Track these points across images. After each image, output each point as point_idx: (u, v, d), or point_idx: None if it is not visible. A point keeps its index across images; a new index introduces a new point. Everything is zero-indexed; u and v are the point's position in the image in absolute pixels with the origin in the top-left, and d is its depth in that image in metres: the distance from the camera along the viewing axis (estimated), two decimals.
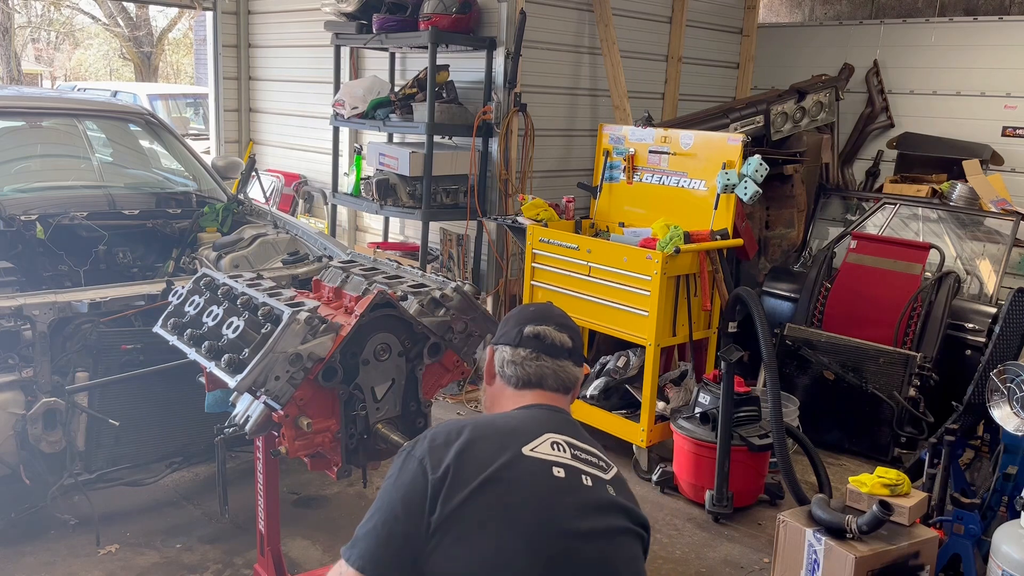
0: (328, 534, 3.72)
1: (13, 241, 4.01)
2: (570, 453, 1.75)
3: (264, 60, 7.38)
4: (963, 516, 3.27)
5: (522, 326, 1.91)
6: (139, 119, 5.05)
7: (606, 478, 1.77)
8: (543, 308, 2.01)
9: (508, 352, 1.91)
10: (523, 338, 1.90)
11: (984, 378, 3.46)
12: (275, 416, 2.45)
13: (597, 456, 1.81)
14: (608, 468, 1.80)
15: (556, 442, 1.75)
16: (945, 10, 6.95)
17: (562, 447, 1.75)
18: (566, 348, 1.91)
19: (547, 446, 1.73)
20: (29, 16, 23.41)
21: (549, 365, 1.89)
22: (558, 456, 1.73)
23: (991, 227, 5.58)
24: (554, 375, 1.89)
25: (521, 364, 1.89)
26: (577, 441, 1.80)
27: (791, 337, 4.89)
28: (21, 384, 3.20)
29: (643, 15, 6.14)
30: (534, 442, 1.72)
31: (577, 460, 1.75)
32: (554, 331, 1.91)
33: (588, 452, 1.79)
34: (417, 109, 5.37)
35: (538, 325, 1.91)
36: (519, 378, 1.90)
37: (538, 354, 1.89)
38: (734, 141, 4.51)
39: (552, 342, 1.90)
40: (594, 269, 4.48)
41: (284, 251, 4.25)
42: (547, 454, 1.72)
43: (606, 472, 1.78)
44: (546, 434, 1.75)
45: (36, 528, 3.57)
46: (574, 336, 1.95)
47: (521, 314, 1.97)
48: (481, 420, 1.77)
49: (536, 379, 1.89)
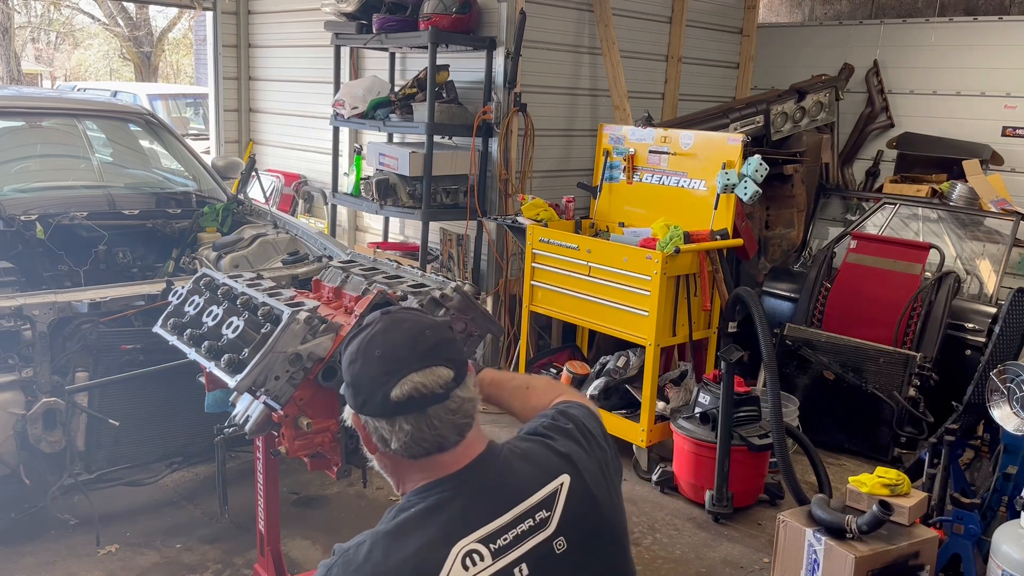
0: (328, 534, 3.72)
1: (13, 241, 4.01)
2: (490, 553, 1.45)
3: (264, 60, 7.38)
4: (963, 516, 3.27)
5: (383, 388, 1.47)
6: (139, 119, 5.06)
7: (549, 533, 1.50)
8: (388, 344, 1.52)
9: (384, 426, 1.49)
10: (394, 406, 1.47)
11: (984, 378, 3.46)
12: (275, 416, 2.45)
13: (531, 510, 1.51)
14: (549, 517, 1.51)
15: (469, 552, 1.44)
16: (945, 10, 6.95)
17: (477, 556, 1.45)
18: (448, 382, 1.49)
19: (458, 570, 1.43)
20: (29, 16, 23.43)
21: (441, 419, 1.48)
22: (477, 573, 1.44)
23: (991, 227, 5.58)
24: (452, 425, 1.50)
25: (410, 441, 1.48)
26: (495, 522, 1.48)
27: (791, 337, 4.89)
28: (21, 384, 3.20)
29: (643, 15, 6.13)
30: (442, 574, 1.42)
31: (502, 553, 1.46)
32: (424, 378, 1.47)
33: (515, 522, 1.49)
34: (417, 109, 5.37)
35: (402, 380, 1.47)
36: (413, 452, 1.50)
37: (423, 415, 1.47)
38: (734, 141, 4.51)
39: (430, 391, 1.47)
40: (594, 269, 4.48)
41: (284, 251, 4.25)
42: None
43: (547, 525, 1.51)
44: (455, 547, 1.44)
45: (36, 528, 3.57)
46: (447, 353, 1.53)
47: (367, 366, 1.51)
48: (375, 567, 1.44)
49: (435, 446, 1.50)
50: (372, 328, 1.56)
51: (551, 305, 4.76)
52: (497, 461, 1.56)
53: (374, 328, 1.56)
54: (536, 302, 4.83)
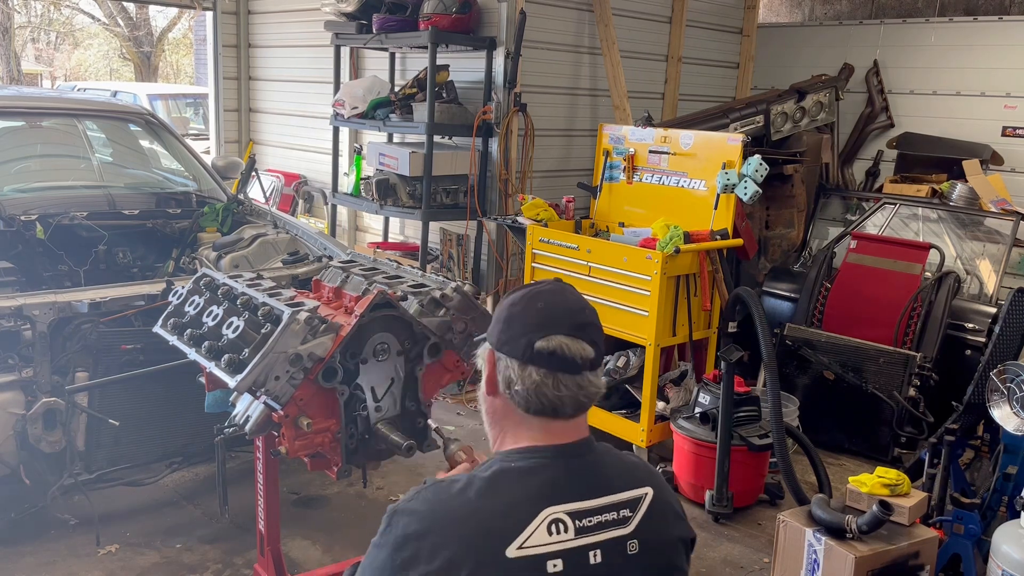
0: (328, 534, 3.72)
1: (13, 241, 4.01)
2: (574, 528, 1.48)
3: (264, 60, 7.39)
4: (963, 516, 3.27)
5: (531, 336, 1.52)
6: (139, 119, 5.05)
7: (626, 532, 1.52)
8: (554, 299, 1.59)
9: (515, 368, 1.54)
10: (534, 354, 1.52)
11: (984, 378, 3.46)
12: (275, 416, 2.45)
13: (615, 507, 1.53)
14: (630, 517, 1.54)
15: (556, 519, 1.47)
16: (945, 10, 6.95)
17: (563, 525, 1.47)
18: (588, 360, 1.53)
19: (542, 532, 1.45)
20: (29, 16, 23.42)
21: (567, 387, 1.53)
22: (556, 542, 1.46)
23: (991, 227, 5.58)
24: (572, 399, 1.54)
25: (533, 391, 1.52)
26: (586, 503, 1.51)
27: (791, 337, 4.89)
28: (21, 384, 3.20)
29: (643, 15, 6.14)
30: (525, 532, 1.44)
31: (584, 533, 1.48)
32: (571, 343, 1.52)
33: (601, 511, 1.52)
34: (417, 109, 5.38)
35: (551, 336, 1.52)
36: (529, 404, 1.54)
37: (554, 375, 1.52)
38: (734, 141, 4.51)
39: (571, 357, 1.52)
40: (594, 269, 4.48)
41: (284, 251, 4.25)
42: (542, 544, 1.45)
43: (627, 524, 1.53)
44: (545, 510, 1.47)
45: (36, 528, 3.57)
46: (595, 337, 1.57)
47: (526, 312, 1.57)
48: (462, 506, 1.47)
49: (551, 408, 1.53)
50: (541, 285, 1.63)
51: None
52: (595, 450, 1.60)
53: (544, 286, 1.63)
54: None
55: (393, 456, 2.57)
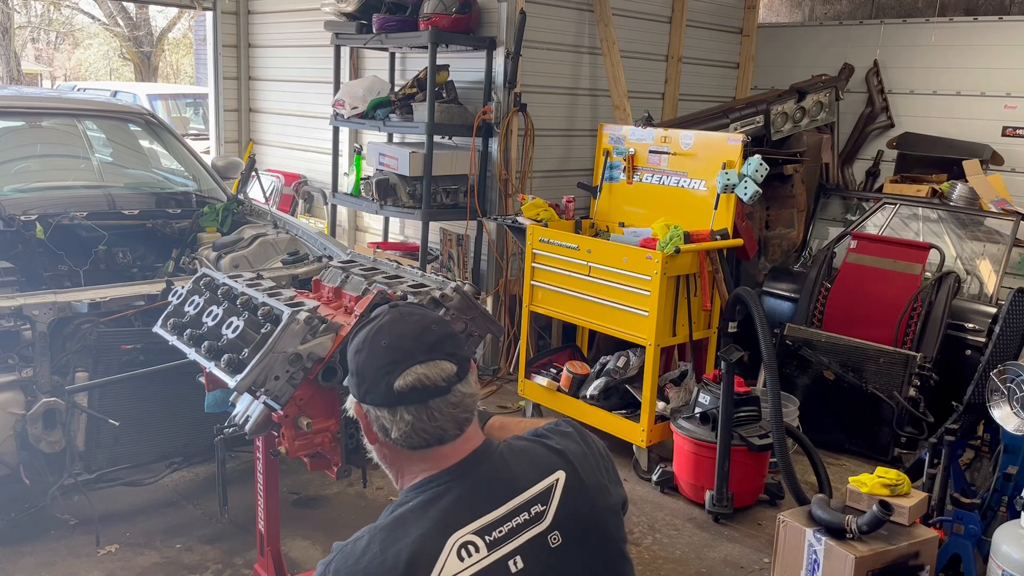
0: (328, 534, 3.72)
1: (13, 241, 4.01)
2: (485, 545, 1.46)
3: (264, 60, 7.39)
4: (963, 516, 3.27)
5: (387, 379, 1.49)
6: (139, 119, 5.06)
7: (544, 527, 1.51)
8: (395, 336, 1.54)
9: (386, 415, 1.51)
10: (396, 396, 1.49)
11: (984, 378, 3.46)
12: (275, 416, 2.45)
13: (526, 504, 1.52)
14: (544, 511, 1.53)
15: (464, 543, 1.45)
16: (945, 10, 6.95)
17: (472, 547, 1.46)
18: (451, 376, 1.51)
19: (454, 562, 1.44)
20: (29, 16, 23.42)
21: (442, 412, 1.50)
22: (470, 565, 1.45)
23: (991, 227, 5.58)
24: (452, 419, 1.51)
25: (410, 430, 1.50)
26: (490, 515, 1.49)
27: (791, 337, 4.89)
28: (21, 384, 3.20)
29: (643, 15, 6.14)
30: (436, 568, 1.43)
31: (497, 546, 1.47)
32: (428, 370, 1.49)
33: (510, 516, 1.50)
34: (417, 109, 5.38)
35: (406, 371, 1.48)
36: (413, 444, 1.52)
37: (425, 406, 1.49)
38: (734, 141, 4.51)
39: (432, 384, 1.49)
40: (594, 269, 4.48)
41: (284, 251, 4.25)
42: (457, 574, 1.44)
43: (542, 519, 1.52)
44: (450, 538, 1.45)
45: (36, 528, 3.57)
46: (451, 348, 1.54)
47: (372, 355, 1.53)
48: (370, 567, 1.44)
49: (435, 438, 1.51)
50: (379, 320, 1.58)
51: (551, 305, 4.76)
52: (493, 456, 1.57)
53: (381, 320, 1.58)
54: (536, 302, 4.83)
55: None
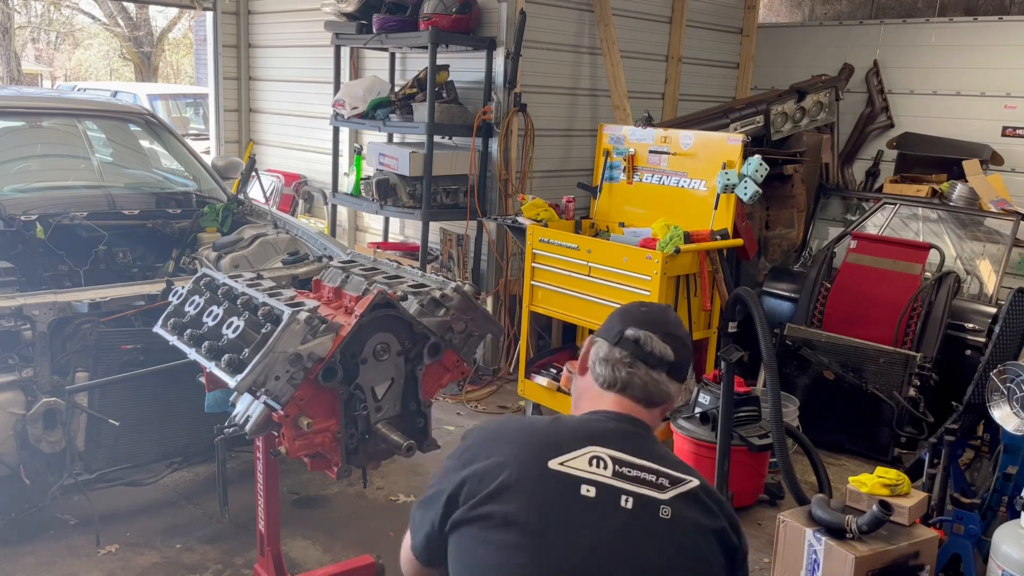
0: (328, 534, 3.72)
1: (13, 241, 4.01)
2: (612, 470, 1.61)
3: (264, 60, 7.38)
4: (963, 516, 3.27)
5: (625, 326, 1.78)
6: (139, 119, 5.05)
7: (662, 498, 1.61)
8: (656, 311, 1.86)
9: (604, 349, 1.79)
10: (622, 339, 1.77)
11: (984, 378, 3.46)
12: (275, 416, 2.45)
13: (656, 473, 1.64)
14: (669, 487, 1.64)
15: (597, 457, 1.62)
16: (945, 10, 6.95)
17: (603, 463, 1.62)
18: (666, 360, 1.76)
19: (583, 461, 1.61)
20: (29, 16, 23.42)
21: (641, 374, 1.75)
22: (593, 473, 1.60)
23: (991, 227, 5.58)
24: (643, 386, 1.75)
25: (613, 365, 1.76)
26: (629, 456, 1.64)
27: (791, 337, 4.88)
28: (21, 384, 3.20)
29: (643, 15, 6.14)
30: (567, 455, 1.61)
31: (620, 478, 1.61)
32: (658, 340, 1.76)
33: (642, 469, 1.64)
34: (417, 109, 5.37)
35: (642, 329, 1.77)
36: (605, 379, 1.77)
37: (633, 360, 1.75)
38: (734, 141, 4.51)
39: (652, 351, 1.75)
40: (594, 269, 4.47)
41: (284, 251, 4.25)
42: (579, 470, 1.60)
43: (663, 491, 1.63)
44: (589, 447, 1.63)
45: (36, 528, 3.57)
46: (680, 350, 1.79)
47: (630, 312, 1.85)
48: (521, 425, 1.73)
49: (622, 384, 1.76)
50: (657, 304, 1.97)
51: (551, 305, 4.76)
52: (654, 437, 1.77)
53: (658, 305, 1.96)
54: (536, 302, 4.83)
55: (393, 456, 2.57)
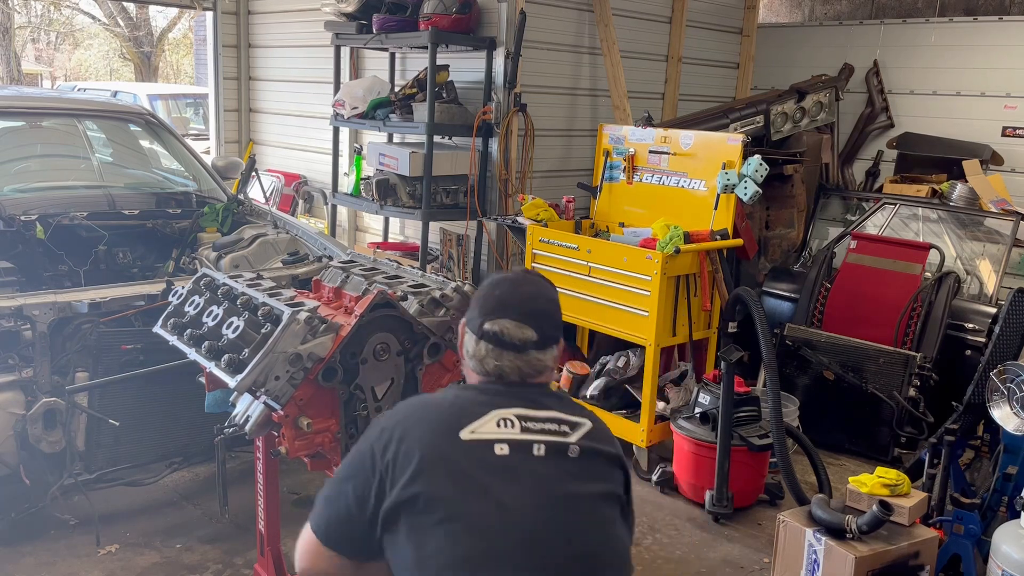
0: None
1: (13, 241, 4.01)
2: (519, 427, 1.75)
3: (264, 60, 7.38)
4: (963, 516, 3.27)
5: (484, 317, 1.85)
6: (139, 119, 5.05)
7: (569, 441, 1.77)
8: (508, 288, 1.91)
9: (471, 344, 1.87)
10: (483, 333, 1.84)
11: (984, 378, 3.46)
12: (275, 416, 2.45)
13: (558, 421, 1.79)
14: (572, 431, 1.79)
15: (504, 419, 1.75)
16: (945, 10, 6.95)
17: (510, 422, 1.75)
18: (530, 342, 1.83)
19: (491, 425, 1.74)
20: (29, 16, 23.41)
21: (509, 362, 1.83)
22: (503, 432, 1.73)
23: (991, 227, 5.58)
24: (516, 370, 1.83)
25: (482, 360, 1.84)
26: (532, 411, 1.78)
27: (791, 337, 4.89)
28: (21, 384, 3.20)
29: (643, 15, 6.13)
30: (476, 423, 1.73)
31: (528, 432, 1.74)
32: (513, 328, 1.82)
33: (545, 420, 1.78)
34: (417, 109, 5.37)
35: (497, 319, 1.82)
36: (480, 371, 1.87)
37: (499, 352, 1.83)
38: (734, 141, 4.51)
39: (512, 340, 1.82)
40: (594, 269, 4.48)
41: (284, 251, 4.25)
42: (490, 433, 1.72)
43: (569, 435, 1.78)
44: (493, 411, 1.75)
45: (36, 528, 3.57)
46: (541, 325, 1.85)
47: (486, 298, 1.89)
48: (427, 404, 1.83)
49: (496, 374, 1.84)
50: (507, 275, 1.98)
51: None
52: (548, 388, 1.90)
53: (508, 276, 1.98)
54: None
55: None
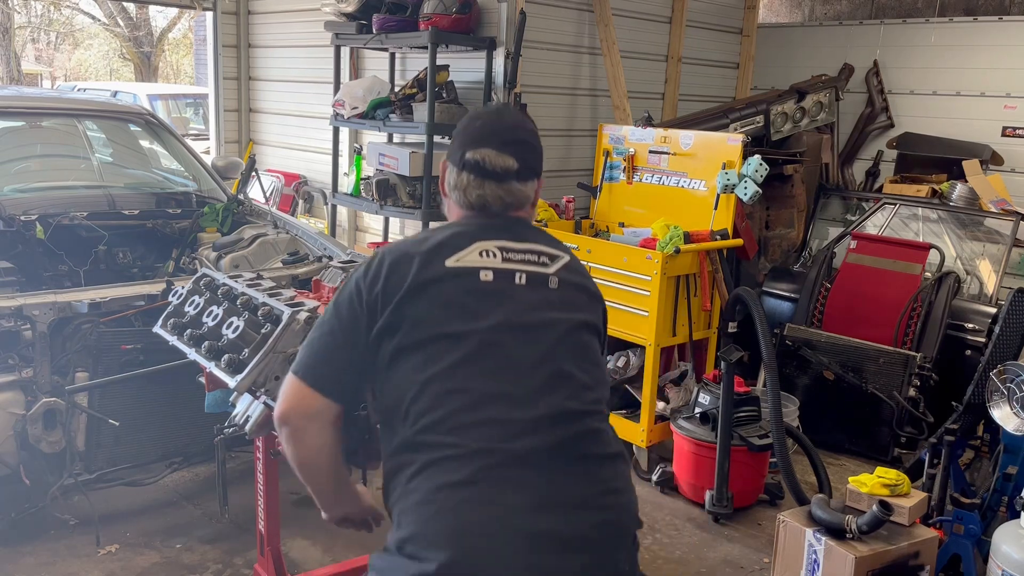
0: (328, 534, 3.71)
1: (13, 241, 4.01)
2: (501, 257, 1.80)
3: (264, 60, 7.38)
4: (963, 516, 3.27)
5: (465, 148, 1.86)
6: (139, 119, 5.05)
7: (548, 271, 1.83)
8: (492, 117, 1.94)
9: (453, 176, 1.88)
10: (464, 162, 1.85)
11: (984, 378, 3.46)
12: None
13: (538, 253, 1.85)
14: (552, 262, 1.85)
15: (486, 250, 1.80)
16: (945, 10, 6.95)
17: (492, 253, 1.80)
18: (511, 171, 1.85)
19: (474, 255, 1.79)
20: (29, 16, 23.42)
21: (491, 191, 1.86)
22: (486, 262, 1.79)
23: (991, 227, 5.58)
24: (498, 200, 1.86)
25: (463, 191, 1.86)
26: (513, 243, 1.83)
27: (791, 337, 4.89)
28: (21, 384, 3.20)
29: (643, 15, 6.13)
30: (459, 253, 1.78)
31: (509, 262, 1.80)
32: (495, 156, 1.84)
33: (526, 251, 1.83)
34: (417, 109, 5.37)
35: (480, 148, 1.84)
36: (463, 201, 1.89)
37: (480, 181, 1.85)
38: (734, 141, 4.51)
39: (494, 168, 1.84)
40: (594, 269, 4.47)
41: (284, 251, 4.25)
42: (473, 262, 1.78)
43: (548, 266, 1.84)
44: (475, 243, 1.80)
45: (36, 528, 3.57)
46: (523, 154, 1.88)
47: (469, 128, 1.90)
48: (411, 239, 1.86)
49: (479, 205, 1.87)
50: (492, 108, 2.03)
51: None
52: (528, 223, 1.94)
53: (488, 108, 1.99)
54: None
55: None
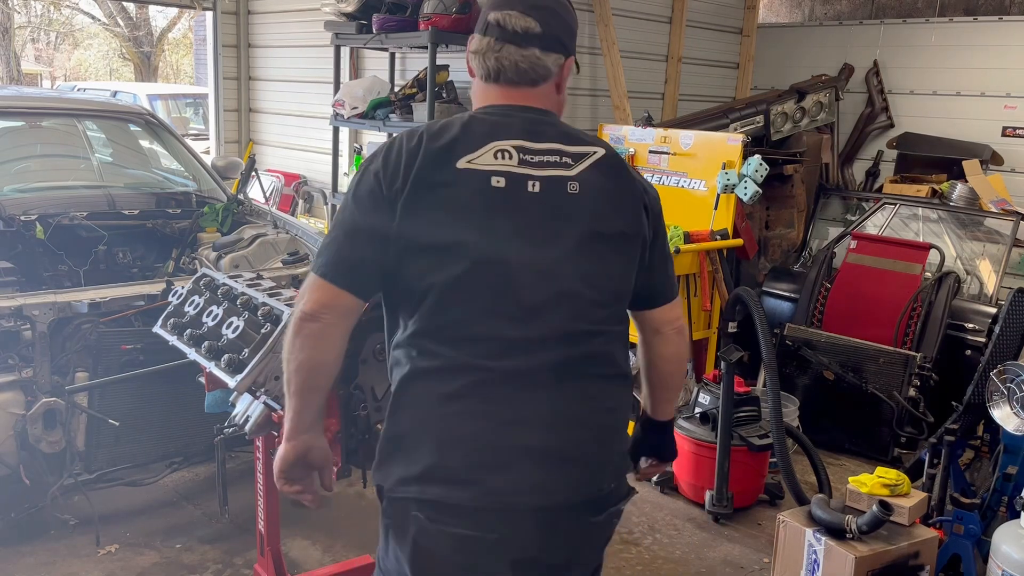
0: (328, 534, 3.72)
1: (13, 241, 4.01)
2: (517, 159, 1.68)
3: (264, 60, 7.39)
4: (963, 516, 3.27)
5: (489, 11, 1.74)
6: (139, 119, 5.05)
7: (569, 175, 1.69)
8: None
9: (475, 41, 1.77)
10: (487, 25, 1.73)
11: (984, 378, 3.46)
12: (275, 416, 2.45)
13: (559, 153, 1.71)
14: (576, 162, 1.71)
15: (502, 150, 1.68)
16: (945, 10, 6.95)
17: (508, 154, 1.68)
18: (533, 34, 1.71)
19: (488, 156, 1.67)
20: (29, 16, 23.42)
21: (510, 55, 1.72)
22: (500, 164, 1.67)
23: (991, 227, 5.58)
24: (514, 66, 1.73)
25: (483, 56, 1.75)
26: (532, 143, 1.70)
27: (791, 337, 4.88)
28: (21, 384, 3.20)
29: (643, 15, 6.14)
30: (472, 154, 1.66)
31: (526, 165, 1.68)
32: (517, 16, 1.71)
33: (545, 152, 1.70)
34: (417, 109, 5.38)
35: (503, 9, 1.72)
36: (482, 71, 1.77)
37: (501, 44, 1.72)
38: (734, 141, 4.51)
39: (514, 29, 1.71)
40: None
41: (284, 251, 4.25)
42: (487, 164, 1.66)
43: (571, 168, 1.70)
44: (491, 143, 1.68)
45: (36, 528, 3.56)
46: (547, 20, 1.73)
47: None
48: (427, 129, 1.73)
49: (496, 71, 1.74)
50: None
51: None
52: (553, 119, 1.78)
53: None
54: None
55: None
